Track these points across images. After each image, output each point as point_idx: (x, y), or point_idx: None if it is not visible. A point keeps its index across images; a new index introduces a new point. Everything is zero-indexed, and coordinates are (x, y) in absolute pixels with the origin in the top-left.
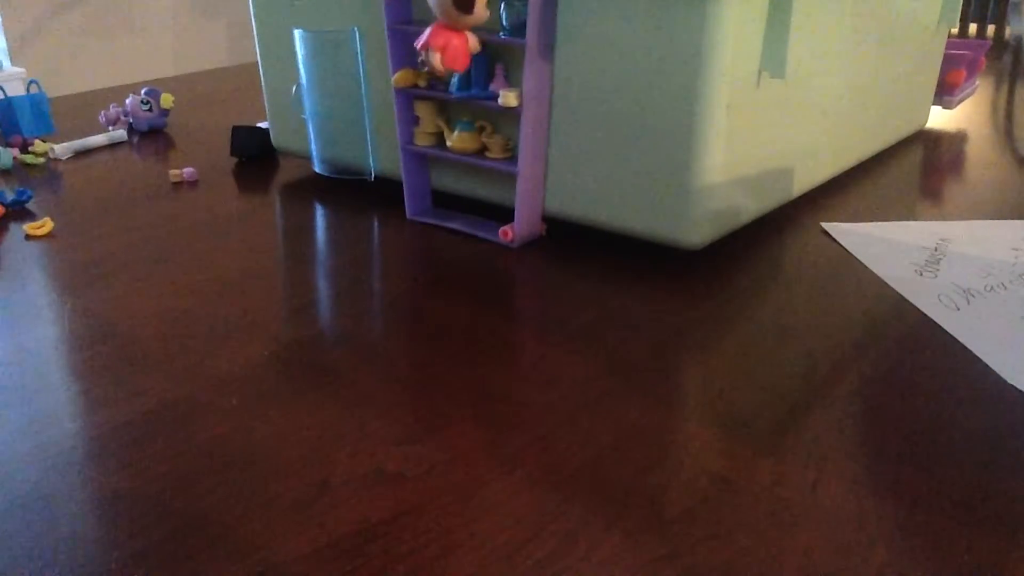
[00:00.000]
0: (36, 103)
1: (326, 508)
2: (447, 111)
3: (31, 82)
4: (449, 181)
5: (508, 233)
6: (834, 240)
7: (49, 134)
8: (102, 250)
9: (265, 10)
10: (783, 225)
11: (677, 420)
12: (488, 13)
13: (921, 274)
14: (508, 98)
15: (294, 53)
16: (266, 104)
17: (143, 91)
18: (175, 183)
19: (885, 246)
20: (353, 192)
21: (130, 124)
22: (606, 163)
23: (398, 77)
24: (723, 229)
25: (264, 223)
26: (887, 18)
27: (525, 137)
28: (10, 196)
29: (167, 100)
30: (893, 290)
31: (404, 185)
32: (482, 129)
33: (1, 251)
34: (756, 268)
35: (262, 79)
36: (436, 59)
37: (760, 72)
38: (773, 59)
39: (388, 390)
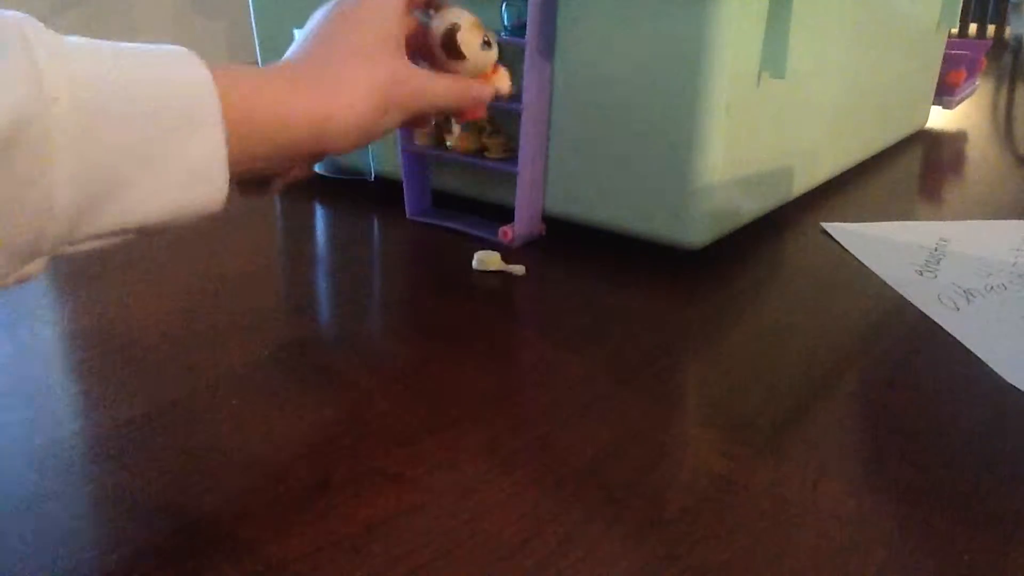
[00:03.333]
0: None
1: (326, 508)
2: None
3: None
4: (449, 181)
5: (508, 233)
6: (834, 240)
7: None
8: (102, 250)
9: (265, 10)
10: (783, 225)
11: (677, 420)
12: (493, 58)
13: (921, 274)
14: (501, 79)
15: None
16: None
17: None
18: None
19: (885, 246)
20: (353, 192)
21: None
22: (606, 163)
23: None
24: (723, 229)
25: (264, 223)
26: (887, 18)
27: (525, 137)
28: None
29: None
30: (893, 290)
31: (404, 185)
32: (482, 129)
33: None
34: (756, 268)
35: None
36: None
37: (760, 72)
38: (773, 59)
39: (388, 390)
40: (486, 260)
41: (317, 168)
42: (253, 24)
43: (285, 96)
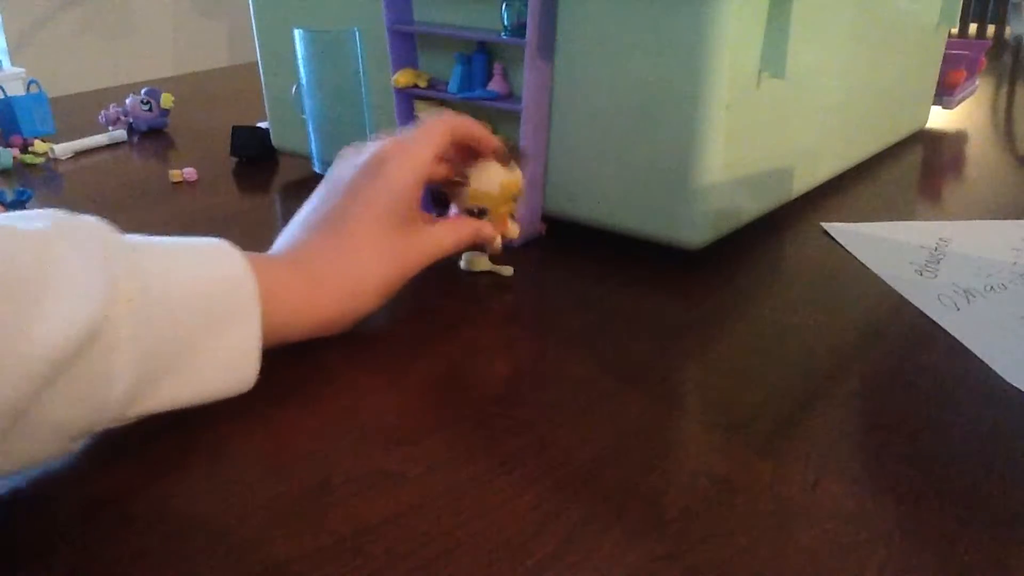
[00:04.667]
0: (36, 103)
1: (326, 508)
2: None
3: (31, 82)
4: None
5: None
6: (834, 240)
7: (49, 134)
8: None
9: (265, 10)
10: (783, 225)
11: (677, 420)
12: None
13: (921, 274)
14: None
15: (294, 53)
16: (266, 104)
17: (143, 91)
18: (175, 183)
19: (885, 246)
20: None
21: (130, 124)
22: (606, 163)
23: (398, 77)
24: (723, 229)
25: (264, 223)
26: (887, 18)
27: (525, 137)
28: (10, 196)
29: (167, 100)
30: (893, 290)
31: None
32: None
33: None
34: (756, 268)
35: (262, 79)
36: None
37: (760, 72)
38: (773, 59)
39: (388, 390)
40: (474, 261)
41: (316, 168)
42: (253, 24)
43: (307, 294)
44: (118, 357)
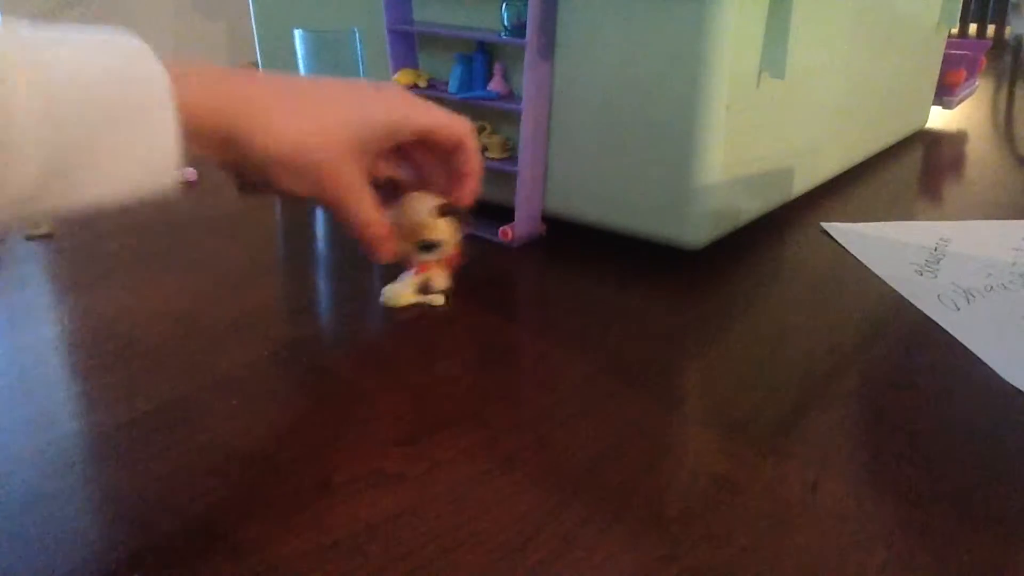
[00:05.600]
0: None
1: (326, 508)
2: None
3: None
4: None
5: (508, 233)
6: (834, 240)
7: None
8: (102, 250)
9: (265, 10)
10: (783, 225)
11: (677, 420)
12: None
13: (921, 274)
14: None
15: (294, 53)
16: None
17: None
18: None
19: (885, 246)
20: None
21: None
22: (606, 163)
23: (398, 77)
24: (723, 229)
25: (264, 223)
26: (887, 18)
27: (525, 137)
28: None
29: None
30: (893, 290)
31: None
32: (482, 129)
33: (1, 251)
34: (756, 268)
35: None
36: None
37: (760, 72)
38: (773, 59)
39: (388, 390)
40: (397, 295)
41: None
42: (253, 24)
43: (221, 104)
44: (20, 133)
